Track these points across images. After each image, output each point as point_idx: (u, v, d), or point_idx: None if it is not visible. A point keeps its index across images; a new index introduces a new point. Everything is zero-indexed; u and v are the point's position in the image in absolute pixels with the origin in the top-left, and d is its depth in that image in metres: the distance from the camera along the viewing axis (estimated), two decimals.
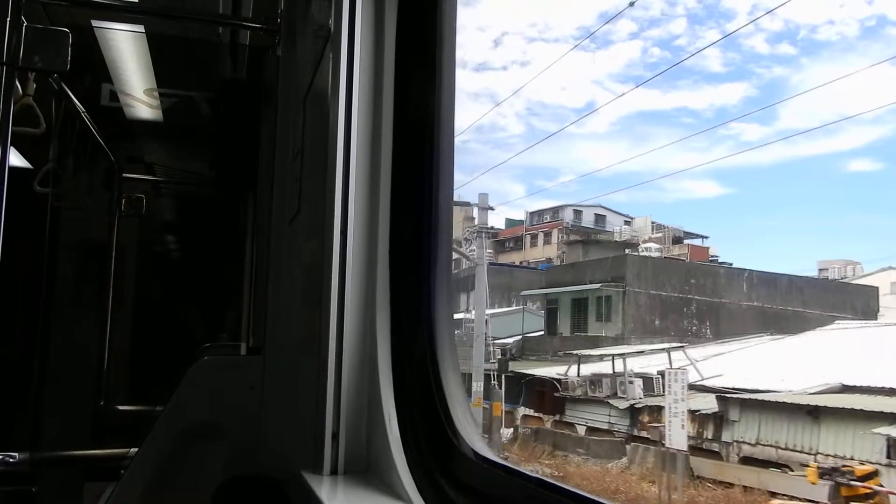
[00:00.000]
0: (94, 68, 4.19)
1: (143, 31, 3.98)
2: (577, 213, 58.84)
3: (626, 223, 56.51)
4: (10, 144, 2.16)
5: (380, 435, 1.68)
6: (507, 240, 60.75)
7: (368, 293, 1.82)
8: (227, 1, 3.70)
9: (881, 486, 13.59)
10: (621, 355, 24.18)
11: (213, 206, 5.18)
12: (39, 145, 3.48)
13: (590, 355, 26.38)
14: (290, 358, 2.45)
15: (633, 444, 20.83)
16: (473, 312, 29.78)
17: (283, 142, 2.72)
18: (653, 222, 54.71)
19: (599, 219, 59.22)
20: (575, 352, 27.12)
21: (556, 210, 58.91)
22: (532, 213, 60.29)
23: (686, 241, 51.86)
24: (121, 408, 4.32)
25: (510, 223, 61.31)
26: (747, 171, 70.71)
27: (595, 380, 24.02)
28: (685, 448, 17.18)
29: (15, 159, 3.18)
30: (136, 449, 2.69)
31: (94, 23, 3.80)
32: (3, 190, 2.11)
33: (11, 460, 3.09)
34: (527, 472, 1.35)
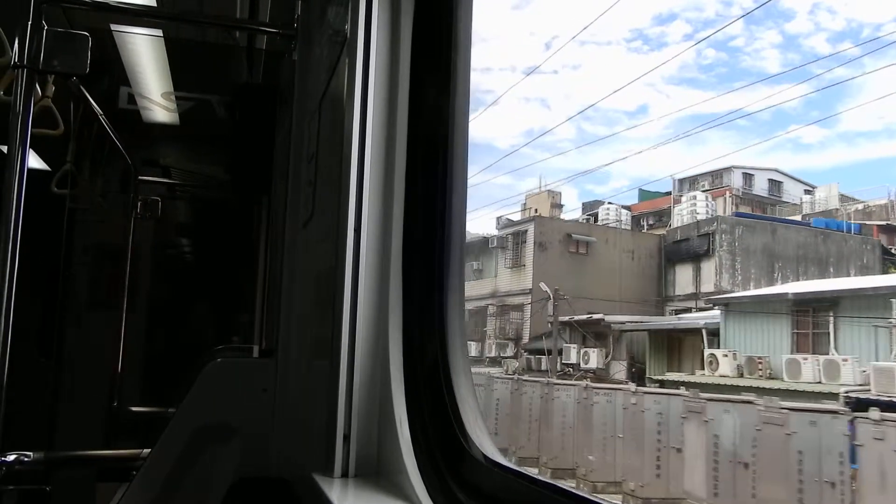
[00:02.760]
0: (113, 72, 4.24)
1: (161, 35, 4.03)
2: (748, 177, 45.49)
3: (808, 192, 44.93)
4: (29, 146, 2.18)
5: (391, 438, 1.69)
6: (643, 215, 45.59)
7: (381, 297, 1.83)
8: (244, 5, 3.73)
9: None
10: None
11: (228, 209, 5.21)
12: (57, 147, 3.52)
13: None
14: (302, 361, 2.46)
15: None
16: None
17: (298, 146, 2.73)
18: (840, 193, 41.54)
19: (774, 185, 46.15)
20: None
21: (717, 174, 44.93)
22: (682, 181, 46.05)
23: None
24: (134, 409, 4.34)
25: (645, 195, 47.51)
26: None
27: None
28: None
29: (33, 161, 3.22)
30: (148, 450, 2.70)
31: (113, 27, 3.84)
32: (22, 191, 2.13)
33: (26, 459, 3.10)
34: (537, 477, 1.35)
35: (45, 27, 2.17)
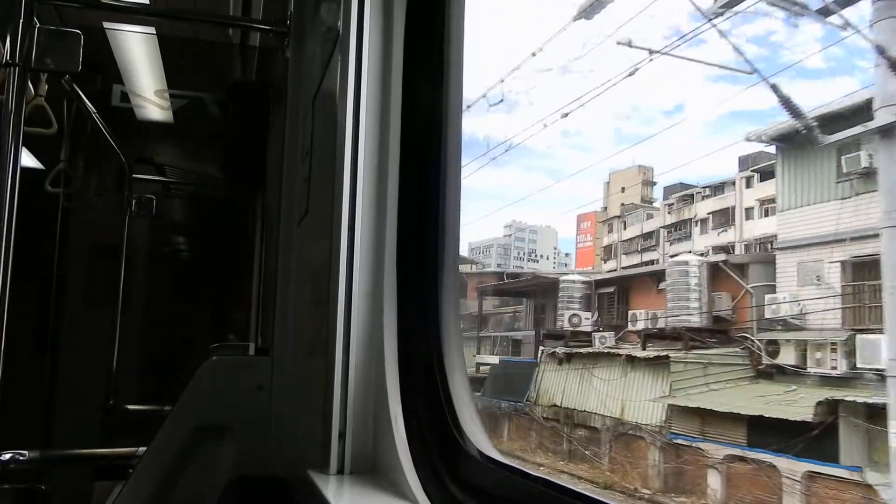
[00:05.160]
0: (106, 69, 4.23)
1: (154, 32, 4.02)
2: None
3: None
4: (23, 145, 2.18)
5: (386, 435, 1.69)
6: None
7: (376, 294, 1.83)
8: (236, 3, 3.72)
9: None
10: None
11: (223, 206, 5.21)
12: (51, 146, 3.51)
13: None
14: (297, 358, 2.46)
15: None
16: None
17: (292, 143, 2.73)
18: None
19: None
20: None
21: None
22: None
23: None
24: (130, 407, 4.34)
25: None
26: None
27: None
28: None
29: (27, 159, 3.21)
30: (144, 448, 2.70)
31: (106, 24, 3.83)
32: (16, 190, 2.12)
33: (21, 458, 3.11)
34: (532, 473, 1.36)
35: (38, 25, 2.16)
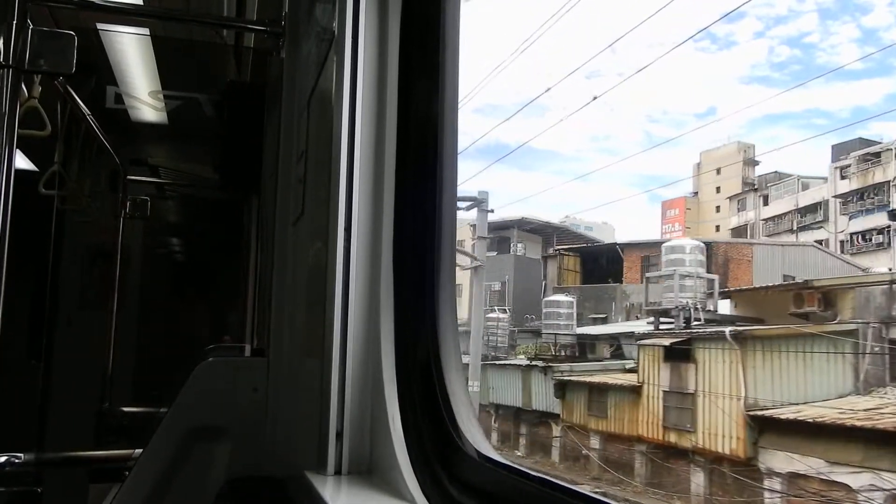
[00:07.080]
0: (100, 71, 4.22)
1: (149, 33, 4.01)
2: None
3: None
4: (16, 147, 2.17)
5: (383, 435, 1.69)
6: None
7: (372, 294, 1.83)
8: (231, 4, 3.72)
9: None
10: None
11: (218, 208, 5.21)
12: (44, 148, 3.50)
13: None
14: (294, 359, 2.46)
15: None
16: None
17: (287, 144, 2.73)
18: None
19: None
20: None
21: None
22: None
23: None
24: (125, 409, 4.33)
25: None
26: None
27: None
28: None
29: (20, 161, 3.20)
30: (140, 450, 2.69)
31: (100, 26, 3.82)
32: (10, 192, 2.12)
33: (17, 461, 3.10)
34: (530, 472, 1.36)
35: (31, 26, 2.15)
